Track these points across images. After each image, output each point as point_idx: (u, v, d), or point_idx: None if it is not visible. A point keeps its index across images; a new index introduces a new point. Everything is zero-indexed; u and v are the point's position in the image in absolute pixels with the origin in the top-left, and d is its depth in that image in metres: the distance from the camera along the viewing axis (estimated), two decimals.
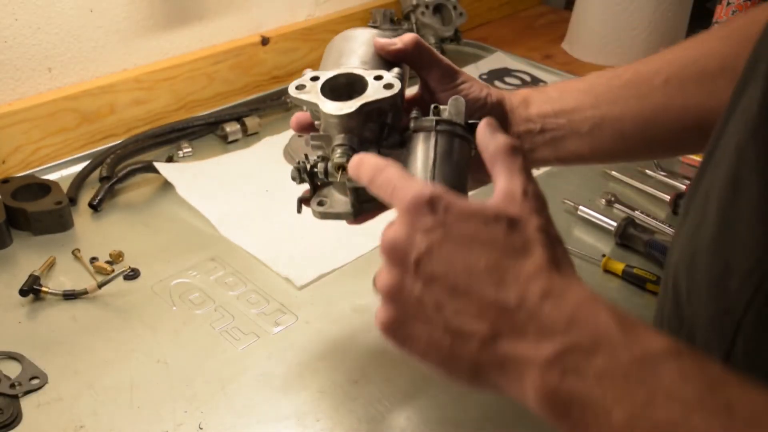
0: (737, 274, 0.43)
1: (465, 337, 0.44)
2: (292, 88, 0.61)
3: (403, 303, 0.46)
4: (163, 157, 1.07)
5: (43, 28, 1.00)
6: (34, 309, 0.80)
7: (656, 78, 0.65)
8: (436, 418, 0.69)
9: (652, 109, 0.65)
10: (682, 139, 0.67)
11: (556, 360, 0.41)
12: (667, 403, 0.37)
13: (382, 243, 0.47)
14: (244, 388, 0.72)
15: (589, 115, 0.66)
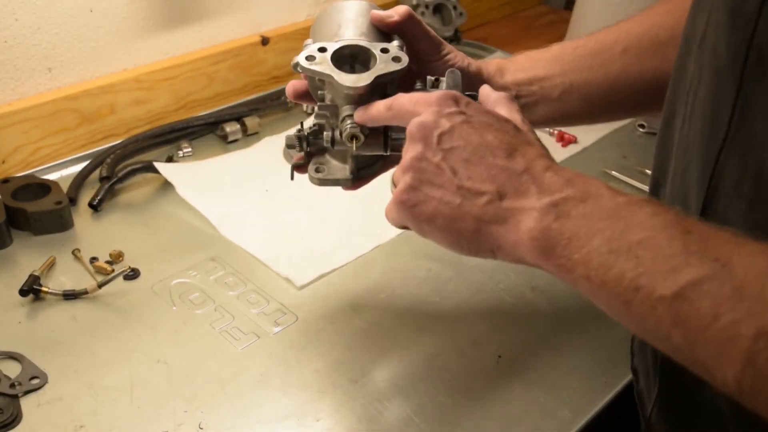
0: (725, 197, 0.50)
1: (474, 195, 0.52)
2: (302, 59, 0.61)
3: (422, 170, 0.54)
4: (163, 157, 1.07)
5: (43, 28, 1.00)
6: (34, 309, 0.80)
7: (616, 47, 0.73)
8: (437, 418, 0.69)
9: (614, 74, 0.73)
10: (640, 101, 0.75)
11: (551, 207, 0.49)
12: (638, 229, 0.45)
13: (411, 125, 0.55)
14: (244, 388, 0.72)
15: (558, 82, 0.73)
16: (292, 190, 1.02)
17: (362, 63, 0.63)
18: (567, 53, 0.74)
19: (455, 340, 0.78)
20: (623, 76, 0.73)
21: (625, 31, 0.74)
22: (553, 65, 0.74)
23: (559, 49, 0.75)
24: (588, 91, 0.73)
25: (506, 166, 0.51)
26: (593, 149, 1.16)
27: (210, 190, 1.00)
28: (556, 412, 0.71)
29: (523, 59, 0.75)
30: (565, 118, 0.76)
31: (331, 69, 0.60)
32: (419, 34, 0.69)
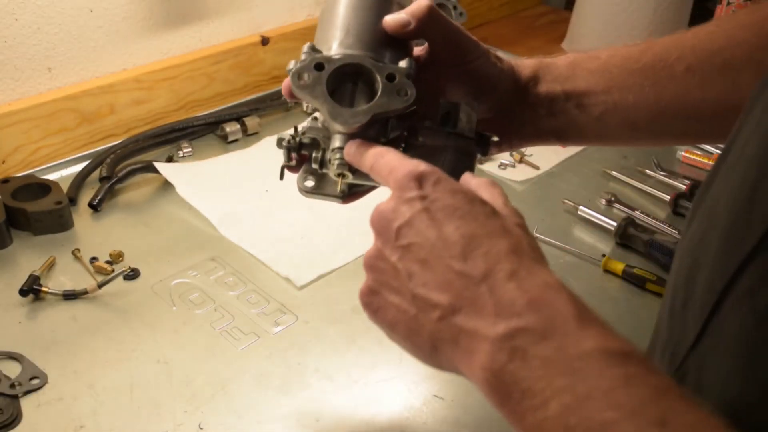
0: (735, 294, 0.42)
1: (428, 307, 0.44)
2: (294, 79, 0.53)
3: (380, 271, 0.47)
4: (163, 157, 1.07)
5: (43, 28, 1.00)
6: (34, 309, 0.80)
7: (677, 65, 0.60)
8: (437, 418, 0.69)
9: (669, 99, 0.61)
10: (693, 132, 0.64)
11: (506, 339, 0.40)
12: (603, 404, 0.37)
13: (371, 216, 0.48)
14: (244, 388, 0.72)
15: (600, 101, 0.62)
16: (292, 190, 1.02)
17: (366, 82, 0.55)
18: (616, 65, 0.62)
19: None
20: (679, 101, 0.60)
21: (692, 46, 0.60)
22: (598, 78, 0.62)
23: (608, 57, 0.63)
24: (633, 114, 0.62)
25: (463, 271, 0.43)
26: (593, 149, 1.16)
27: (210, 190, 1.00)
28: None
29: (563, 65, 0.64)
30: (600, 140, 0.66)
31: (324, 97, 0.53)
32: (441, 36, 0.58)
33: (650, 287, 0.86)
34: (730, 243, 0.42)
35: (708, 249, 0.45)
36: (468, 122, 0.56)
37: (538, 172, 1.09)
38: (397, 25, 0.56)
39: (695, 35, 0.61)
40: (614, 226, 0.94)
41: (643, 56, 0.62)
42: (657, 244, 0.90)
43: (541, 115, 0.63)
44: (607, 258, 0.90)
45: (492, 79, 0.61)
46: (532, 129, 0.64)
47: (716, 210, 0.45)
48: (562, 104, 0.63)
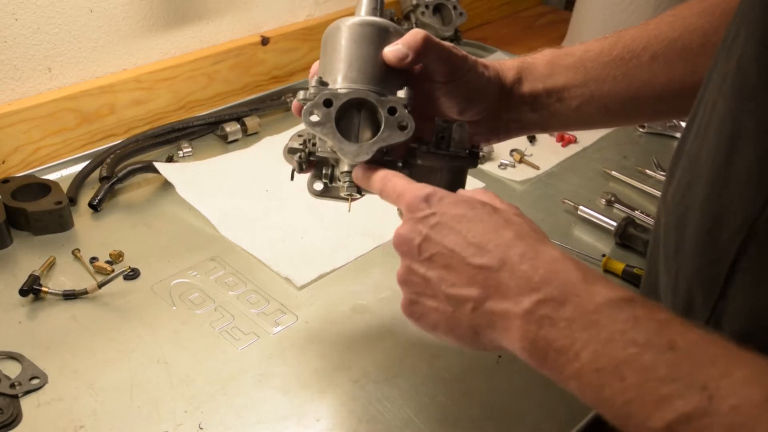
0: (728, 228, 0.48)
1: (461, 302, 0.52)
2: (306, 117, 0.59)
3: (413, 284, 0.55)
4: (163, 157, 1.07)
5: (43, 28, 1.00)
6: (34, 309, 0.80)
7: (644, 54, 0.68)
8: (436, 418, 0.70)
9: (639, 84, 0.68)
10: (661, 111, 0.72)
11: (532, 312, 0.48)
12: (622, 343, 0.44)
13: (394, 239, 0.55)
14: (244, 388, 0.72)
15: (578, 93, 0.69)
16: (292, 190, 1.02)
17: (369, 110, 0.61)
18: (590, 59, 0.69)
19: None
20: (648, 86, 0.68)
21: (655, 36, 0.68)
22: (575, 73, 0.69)
23: (582, 52, 0.70)
24: (609, 102, 0.69)
25: (482, 265, 0.51)
26: (593, 149, 1.16)
27: (210, 190, 1.00)
28: (556, 412, 0.71)
29: (542, 64, 0.70)
30: (580, 125, 0.74)
31: (333, 135, 0.59)
32: (436, 60, 0.64)
33: None
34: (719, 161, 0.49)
35: (695, 197, 0.51)
36: (460, 140, 0.63)
37: (538, 172, 1.09)
38: (397, 58, 0.62)
39: (657, 26, 0.69)
40: (614, 226, 0.94)
41: (614, 49, 0.69)
42: None
43: (525, 111, 0.70)
44: (607, 258, 0.90)
45: (480, 88, 0.67)
46: (517, 124, 0.71)
47: (697, 163, 0.52)
48: (544, 100, 0.69)
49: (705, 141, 0.51)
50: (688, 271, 0.53)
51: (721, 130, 0.49)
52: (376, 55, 0.62)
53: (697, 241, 0.51)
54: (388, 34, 0.63)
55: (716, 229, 0.49)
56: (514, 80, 0.69)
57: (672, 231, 0.55)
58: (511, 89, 0.69)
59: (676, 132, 1.19)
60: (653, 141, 1.19)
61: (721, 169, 0.49)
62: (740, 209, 0.47)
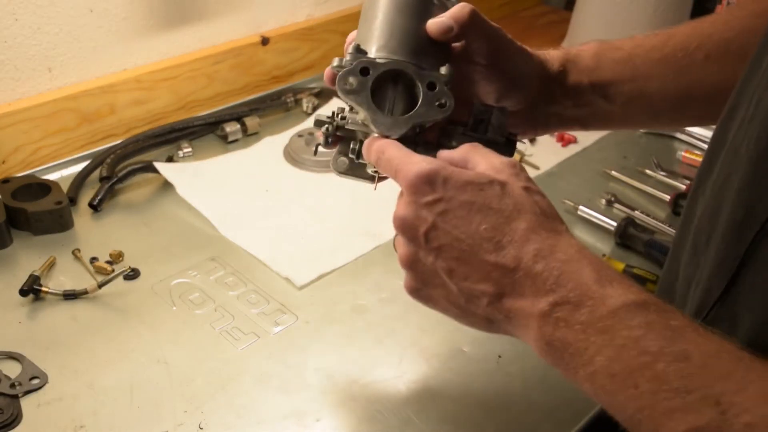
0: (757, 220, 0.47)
1: (475, 297, 0.51)
2: (340, 83, 0.57)
3: (420, 272, 0.54)
4: (163, 157, 1.07)
5: (43, 28, 1.00)
6: (34, 309, 0.80)
7: (697, 54, 0.65)
8: (436, 418, 0.70)
9: (689, 84, 0.65)
10: (709, 114, 0.68)
11: (548, 313, 0.48)
12: (636, 351, 0.44)
13: (394, 220, 0.53)
14: (244, 388, 0.72)
15: (625, 90, 0.66)
16: (292, 190, 1.02)
17: (406, 85, 0.58)
18: (640, 55, 0.66)
19: (455, 340, 0.78)
20: (700, 86, 0.66)
21: (708, 35, 0.65)
22: (622, 68, 0.66)
23: (632, 47, 0.67)
24: (656, 101, 0.67)
25: (497, 263, 0.50)
26: (593, 149, 1.16)
27: (210, 190, 1.00)
28: (556, 412, 0.71)
29: (589, 56, 0.67)
30: (623, 124, 0.72)
31: (368, 104, 0.57)
32: (481, 37, 0.61)
33: (650, 287, 0.86)
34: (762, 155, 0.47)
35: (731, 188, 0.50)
36: (499, 126, 0.60)
37: (538, 172, 1.09)
38: (441, 31, 0.59)
39: (712, 24, 0.66)
40: (614, 226, 0.94)
41: (665, 46, 0.66)
42: (657, 244, 0.90)
43: (568, 106, 0.67)
44: (607, 258, 0.90)
45: (522, 76, 0.63)
46: (557, 119, 0.68)
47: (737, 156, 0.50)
48: (588, 96, 0.66)
49: (747, 134, 0.50)
50: (712, 261, 0.52)
51: (764, 123, 0.47)
52: (418, 26, 0.59)
53: (726, 232, 0.50)
54: (433, 5, 0.61)
55: (746, 222, 0.48)
56: (559, 72, 0.66)
57: (706, 222, 0.54)
58: (554, 81, 0.66)
59: (676, 132, 1.18)
60: (653, 141, 1.19)
61: (759, 160, 0.47)
62: None
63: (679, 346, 0.43)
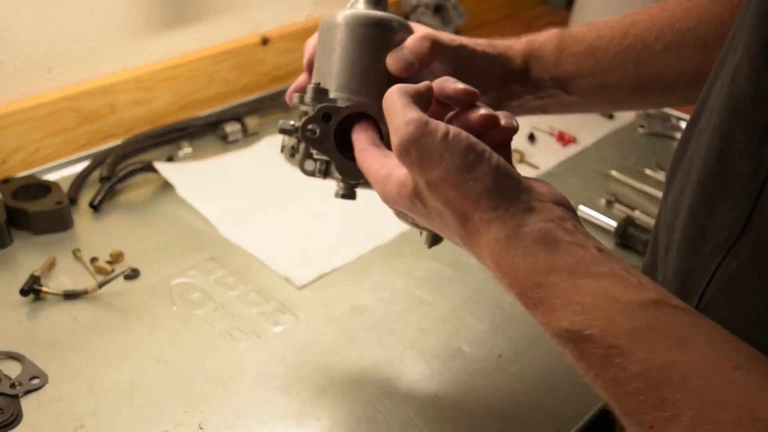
0: (712, 240, 0.45)
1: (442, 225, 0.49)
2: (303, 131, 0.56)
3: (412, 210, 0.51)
4: (163, 157, 1.07)
5: (43, 28, 1.00)
6: (34, 309, 0.80)
7: (657, 44, 0.65)
8: (436, 418, 0.70)
9: (649, 76, 0.66)
10: (669, 101, 0.71)
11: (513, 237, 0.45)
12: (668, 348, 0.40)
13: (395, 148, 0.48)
14: (244, 388, 0.72)
15: (585, 83, 0.66)
16: (292, 190, 1.02)
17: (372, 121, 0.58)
18: (600, 48, 0.66)
19: (455, 340, 0.78)
20: (659, 77, 0.66)
21: (669, 24, 0.65)
22: (583, 62, 0.66)
23: (593, 38, 0.67)
24: (616, 92, 0.67)
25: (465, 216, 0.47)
26: (593, 149, 1.16)
27: (210, 190, 1.00)
28: (556, 412, 0.71)
29: (551, 51, 0.67)
30: (582, 110, 0.72)
31: (332, 152, 0.56)
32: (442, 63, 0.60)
33: None
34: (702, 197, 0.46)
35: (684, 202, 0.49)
36: None
37: (537, 172, 1.09)
38: (401, 68, 0.58)
39: (672, 12, 0.65)
40: (614, 226, 0.94)
41: (626, 38, 0.66)
42: None
43: (529, 99, 0.68)
44: None
45: (483, 80, 0.63)
46: (519, 109, 0.69)
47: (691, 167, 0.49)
48: (550, 90, 0.67)
49: (699, 147, 0.49)
50: (671, 276, 0.51)
51: (712, 139, 0.46)
52: (378, 59, 0.58)
53: (681, 247, 0.49)
54: (393, 32, 0.59)
55: (700, 239, 0.47)
56: (521, 69, 0.66)
57: (665, 231, 0.53)
58: (517, 78, 0.66)
59: (676, 132, 1.19)
60: (653, 141, 1.19)
61: (708, 180, 0.46)
62: (724, 225, 0.44)
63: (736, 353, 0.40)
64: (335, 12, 0.59)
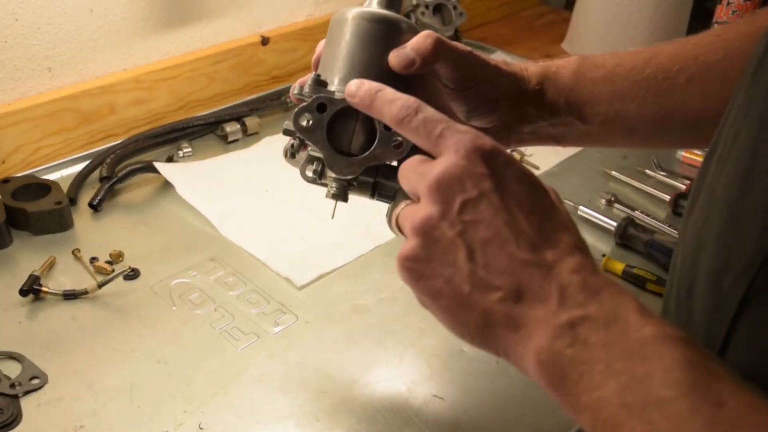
0: (734, 269, 0.43)
1: (487, 288, 0.44)
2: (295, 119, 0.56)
3: (434, 240, 0.46)
4: (163, 157, 1.07)
5: (43, 28, 1.00)
6: (34, 309, 0.80)
7: (680, 76, 0.62)
8: (436, 418, 0.69)
9: (669, 108, 0.62)
10: (691, 138, 0.67)
11: (568, 327, 0.42)
12: (661, 382, 0.38)
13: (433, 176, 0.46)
14: (244, 388, 0.72)
15: (601, 111, 0.63)
16: (292, 190, 1.02)
17: (367, 119, 0.56)
18: (620, 75, 0.63)
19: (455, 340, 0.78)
20: (680, 110, 0.62)
21: (693, 57, 0.62)
22: (601, 88, 0.63)
23: (613, 66, 0.64)
24: (634, 123, 0.63)
25: (529, 261, 0.44)
26: (593, 149, 1.15)
27: (210, 190, 1.00)
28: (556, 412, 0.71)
29: (568, 75, 0.63)
30: (599, 143, 0.68)
31: (323, 144, 0.56)
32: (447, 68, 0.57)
33: (650, 287, 0.86)
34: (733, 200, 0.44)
35: (709, 233, 0.46)
36: None
37: (538, 172, 1.09)
38: (402, 65, 0.55)
39: (697, 45, 0.63)
40: (614, 226, 0.94)
41: (647, 66, 0.62)
42: (657, 244, 0.90)
43: (543, 126, 0.64)
44: (607, 258, 0.90)
45: (494, 99, 0.61)
46: (532, 136, 0.65)
47: (714, 197, 0.46)
48: (564, 116, 0.63)
49: (723, 174, 0.46)
50: (695, 319, 0.47)
51: (740, 161, 0.44)
52: (381, 57, 0.57)
53: (706, 284, 0.46)
54: (400, 32, 0.58)
55: (724, 271, 0.44)
56: (535, 91, 0.63)
57: (687, 271, 0.49)
58: (530, 100, 0.63)
59: None
60: None
61: (735, 203, 0.44)
62: (747, 249, 0.42)
63: (716, 390, 0.37)
64: (347, 8, 0.59)
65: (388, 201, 0.57)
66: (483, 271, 0.45)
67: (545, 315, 0.43)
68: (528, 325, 0.43)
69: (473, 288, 0.45)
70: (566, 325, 0.42)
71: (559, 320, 0.42)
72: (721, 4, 1.29)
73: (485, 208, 0.45)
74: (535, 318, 0.43)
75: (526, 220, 0.45)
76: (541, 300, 0.43)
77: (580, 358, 0.41)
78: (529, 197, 0.46)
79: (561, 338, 0.42)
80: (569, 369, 0.41)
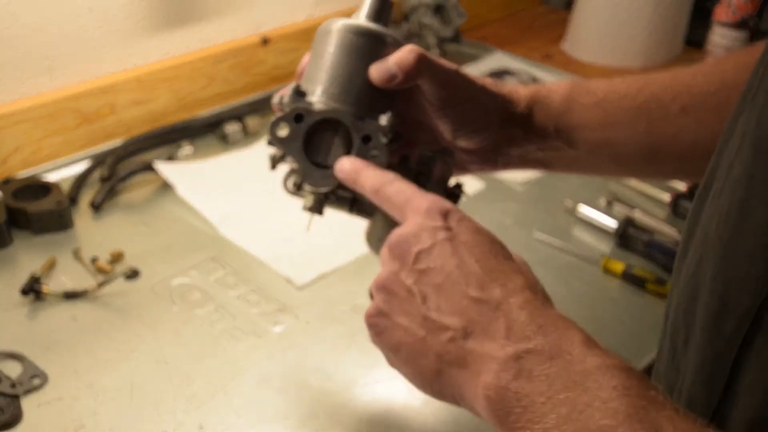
0: (734, 313, 0.41)
1: (439, 330, 0.46)
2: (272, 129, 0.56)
3: (393, 294, 0.48)
4: (163, 157, 1.07)
5: (43, 28, 1.00)
6: (34, 309, 0.80)
7: (673, 105, 0.60)
8: (436, 418, 0.70)
9: (661, 139, 0.61)
10: (682, 170, 0.66)
11: (513, 360, 0.42)
12: (601, 413, 0.38)
13: (391, 237, 0.49)
14: (244, 388, 0.72)
15: (590, 137, 0.62)
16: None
17: (345, 132, 0.55)
18: (612, 102, 0.61)
19: None
20: (672, 142, 0.60)
21: (688, 87, 0.60)
22: (591, 114, 0.61)
23: (605, 92, 0.62)
24: (623, 151, 0.62)
25: (479, 299, 0.45)
26: None
27: (210, 190, 1.00)
28: None
29: (558, 99, 0.62)
30: (587, 170, 0.67)
31: (298, 155, 0.55)
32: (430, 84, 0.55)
33: (650, 287, 0.86)
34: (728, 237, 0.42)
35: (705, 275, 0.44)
36: (441, 178, 0.58)
37: (536, 174, 1.09)
38: (383, 79, 0.54)
39: (693, 75, 0.62)
40: (614, 227, 0.94)
41: (640, 94, 0.61)
42: (657, 244, 0.90)
43: (531, 150, 0.63)
44: (607, 258, 0.90)
45: (480, 119, 0.59)
46: (519, 160, 0.64)
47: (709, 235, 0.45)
48: (552, 141, 0.62)
49: (717, 209, 0.44)
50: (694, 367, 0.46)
51: (734, 193, 0.42)
52: (364, 70, 0.55)
53: (704, 330, 0.44)
54: (384, 46, 0.56)
55: (723, 315, 0.42)
56: (523, 114, 0.61)
57: (681, 318, 0.48)
58: (518, 123, 0.61)
59: None
60: None
61: (730, 240, 0.42)
62: (746, 290, 0.40)
63: (652, 418, 0.37)
64: (333, 20, 0.58)
65: (366, 217, 0.58)
66: (435, 313, 0.46)
67: (492, 349, 0.43)
68: (476, 362, 0.44)
69: (427, 332, 0.46)
70: (511, 358, 0.42)
71: (505, 353, 0.42)
72: (720, 4, 1.29)
73: (438, 255, 0.46)
74: (482, 354, 0.43)
75: (477, 263, 0.46)
76: (489, 335, 0.44)
77: (523, 392, 0.41)
78: (482, 246, 0.47)
79: (506, 371, 0.42)
80: (513, 403, 0.41)
